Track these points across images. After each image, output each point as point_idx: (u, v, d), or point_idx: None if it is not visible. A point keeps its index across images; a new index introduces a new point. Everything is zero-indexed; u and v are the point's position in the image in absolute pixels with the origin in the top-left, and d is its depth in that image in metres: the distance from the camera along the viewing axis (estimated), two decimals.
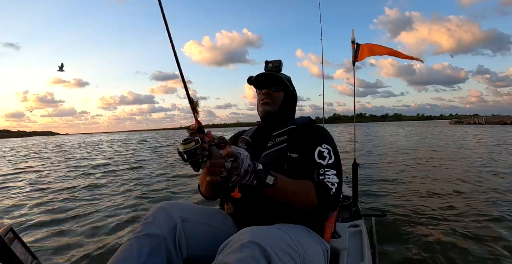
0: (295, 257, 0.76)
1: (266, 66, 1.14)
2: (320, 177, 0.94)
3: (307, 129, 1.10)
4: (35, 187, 5.17)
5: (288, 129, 1.09)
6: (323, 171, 0.95)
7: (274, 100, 1.12)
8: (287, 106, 1.16)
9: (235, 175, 0.75)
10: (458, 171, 5.00)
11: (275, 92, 1.13)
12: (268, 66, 1.13)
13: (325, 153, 0.99)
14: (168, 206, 0.92)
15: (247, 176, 0.77)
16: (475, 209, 2.86)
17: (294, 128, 1.09)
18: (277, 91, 1.13)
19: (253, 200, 1.00)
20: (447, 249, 2.03)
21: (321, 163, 0.97)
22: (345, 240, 1.27)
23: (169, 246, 0.85)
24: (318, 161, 0.98)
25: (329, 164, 0.97)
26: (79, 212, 3.41)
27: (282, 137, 1.07)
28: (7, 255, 0.65)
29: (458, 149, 8.54)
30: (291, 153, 1.03)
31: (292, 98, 1.17)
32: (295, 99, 1.19)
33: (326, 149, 1.01)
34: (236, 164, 0.74)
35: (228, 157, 0.74)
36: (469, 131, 20.37)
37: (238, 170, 0.75)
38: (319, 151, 1.00)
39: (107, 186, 5.03)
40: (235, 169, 0.75)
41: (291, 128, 1.09)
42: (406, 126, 42.90)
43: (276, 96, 1.13)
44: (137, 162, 8.64)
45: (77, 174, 6.68)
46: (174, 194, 4.31)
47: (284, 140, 1.06)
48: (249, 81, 1.16)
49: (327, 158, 0.98)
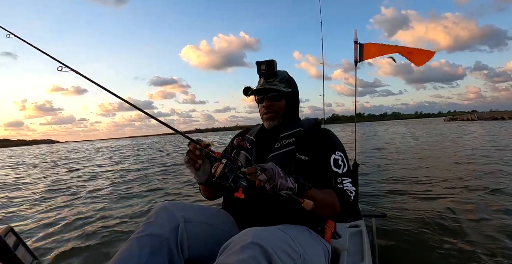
0: (296, 258, 0.76)
1: (259, 68, 1.07)
2: (339, 186, 0.95)
3: (315, 132, 1.10)
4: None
5: (296, 131, 1.08)
6: (340, 180, 0.97)
7: (277, 112, 1.10)
8: (290, 111, 1.14)
9: (278, 179, 0.77)
10: (457, 171, 5.00)
11: (276, 102, 1.10)
12: (261, 68, 1.07)
13: (339, 161, 1.00)
14: (170, 205, 0.92)
15: (289, 179, 0.79)
16: (476, 209, 2.86)
17: (302, 130, 1.09)
18: (278, 100, 1.10)
19: (255, 201, 1.00)
20: (448, 249, 2.03)
21: (337, 172, 0.98)
22: (346, 241, 1.27)
23: (171, 247, 0.84)
24: (335, 170, 0.99)
25: (344, 173, 0.98)
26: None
27: (289, 139, 1.06)
28: (8, 255, 0.65)
29: (453, 148, 8.64)
30: (301, 155, 1.03)
31: (294, 99, 1.15)
32: (297, 99, 1.17)
33: (340, 156, 1.02)
34: (268, 172, 0.77)
35: (252, 172, 0.77)
36: (460, 128, 20.60)
37: (276, 174, 0.77)
38: (334, 159, 1.01)
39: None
40: (273, 175, 0.77)
41: (298, 131, 1.08)
42: (398, 125, 43.59)
43: (278, 106, 1.10)
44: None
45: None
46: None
47: (292, 142, 1.05)
48: (245, 93, 1.12)
49: (341, 166, 0.99)
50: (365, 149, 9.47)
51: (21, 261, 0.67)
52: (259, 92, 1.10)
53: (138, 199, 4.12)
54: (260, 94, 1.11)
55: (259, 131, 1.19)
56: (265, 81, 1.10)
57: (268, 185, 0.76)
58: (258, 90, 1.09)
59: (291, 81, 1.13)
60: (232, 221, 1.03)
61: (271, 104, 1.09)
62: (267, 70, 1.07)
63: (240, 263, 0.65)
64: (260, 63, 1.07)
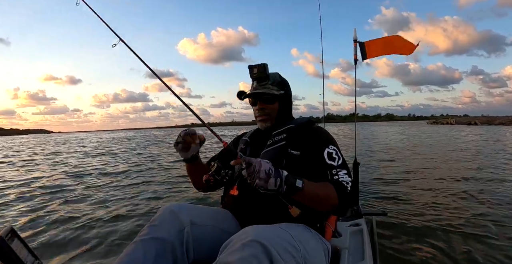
0: (297, 256, 0.76)
1: (251, 72, 1.10)
2: (334, 177, 0.95)
3: (308, 129, 1.11)
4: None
5: (287, 128, 1.10)
6: (335, 171, 0.96)
7: (270, 114, 1.13)
8: (283, 111, 1.16)
9: (256, 178, 0.76)
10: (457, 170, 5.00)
11: (269, 105, 1.12)
12: (253, 72, 1.09)
13: (333, 154, 1.01)
14: (175, 208, 0.92)
15: (271, 180, 0.77)
16: (476, 209, 2.86)
17: (293, 127, 1.11)
18: (271, 103, 1.12)
19: (255, 199, 1.00)
20: (449, 248, 2.03)
21: (332, 164, 0.98)
22: (346, 239, 1.27)
23: (176, 251, 0.84)
24: (329, 163, 0.99)
25: (339, 165, 0.98)
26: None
27: (281, 135, 1.09)
28: (8, 255, 0.65)
29: (447, 146, 8.73)
30: (292, 150, 1.04)
31: (287, 100, 1.17)
32: (290, 100, 1.19)
33: (333, 150, 1.02)
34: (251, 168, 0.76)
35: (237, 164, 0.79)
36: (434, 129, 21.33)
37: (256, 173, 0.76)
38: (328, 152, 1.01)
39: None
40: (252, 173, 0.76)
41: (290, 127, 1.10)
42: (391, 126, 45.93)
43: (271, 109, 1.13)
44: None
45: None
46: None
47: (283, 138, 1.07)
48: (239, 97, 1.16)
49: (336, 159, 1.00)
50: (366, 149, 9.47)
51: (23, 261, 0.67)
52: (252, 96, 1.13)
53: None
54: (253, 98, 1.14)
55: (254, 132, 1.23)
56: (258, 84, 1.12)
57: (248, 180, 0.78)
58: (251, 94, 1.12)
59: (283, 82, 1.15)
60: (235, 221, 1.04)
61: (264, 107, 1.12)
62: (259, 73, 1.09)
63: (241, 261, 0.65)
64: (253, 67, 1.09)
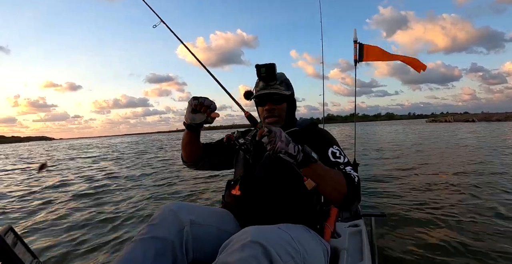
0: (296, 257, 0.76)
1: (259, 71, 1.05)
2: (342, 170, 0.95)
3: (312, 131, 1.11)
4: None
5: (291, 131, 1.10)
6: (342, 166, 0.97)
7: (279, 115, 1.12)
8: (290, 112, 1.16)
9: (278, 141, 0.78)
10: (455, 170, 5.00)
11: (278, 106, 1.11)
12: (261, 72, 1.05)
13: (337, 154, 1.01)
14: (175, 207, 0.92)
15: (291, 145, 0.80)
16: (476, 208, 2.86)
17: (297, 130, 1.10)
18: (280, 104, 1.11)
19: (255, 199, 1.00)
20: (447, 249, 2.03)
21: (337, 161, 0.99)
22: (345, 240, 1.27)
23: (175, 250, 0.84)
24: (334, 160, 0.99)
25: (345, 162, 0.99)
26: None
27: None
28: (8, 254, 0.65)
29: (443, 145, 8.82)
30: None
31: (293, 100, 1.17)
32: (294, 100, 1.19)
33: (337, 150, 1.02)
34: (272, 134, 0.79)
35: (261, 133, 0.80)
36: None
37: (278, 137, 0.78)
38: (332, 151, 1.01)
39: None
40: (274, 138, 0.78)
41: (294, 130, 1.10)
42: (391, 125, 46.08)
43: (280, 109, 1.12)
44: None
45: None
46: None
47: None
48: (246, 97, 1.12)
49: (341, 157, 1.00)
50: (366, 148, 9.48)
51: (21, 260, 0.67)
52: (262, 96, 1.11)
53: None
54: (263, 98, 1.12)
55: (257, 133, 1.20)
56: (266, 85, 1.10)
57: (269, 146, 0.79)
58: (262, 95, 1.10)
59: (288, 83, 1.15)
60: (235, 221, 1.03)
61: (273, 107, 1.11)
62: (267, 73, 1.06)
63: (241, 261, 0.65)
64: (261, 66, 1.06)
